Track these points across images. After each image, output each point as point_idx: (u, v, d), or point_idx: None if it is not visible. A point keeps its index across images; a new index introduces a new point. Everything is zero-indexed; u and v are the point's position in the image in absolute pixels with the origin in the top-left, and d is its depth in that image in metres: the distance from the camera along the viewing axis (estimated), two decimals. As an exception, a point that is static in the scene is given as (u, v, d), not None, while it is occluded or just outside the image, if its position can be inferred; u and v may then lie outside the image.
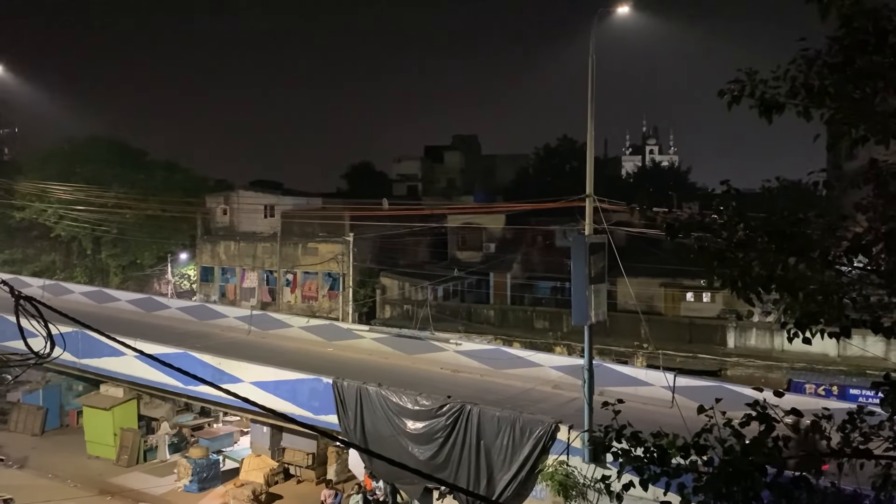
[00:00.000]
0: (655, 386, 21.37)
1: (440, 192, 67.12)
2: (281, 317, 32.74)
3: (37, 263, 48.45)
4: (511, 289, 37.65)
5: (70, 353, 23.51)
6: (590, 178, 17.78)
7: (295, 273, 40.37)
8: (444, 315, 32.98)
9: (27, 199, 44.68)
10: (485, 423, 18.09)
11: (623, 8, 16.94)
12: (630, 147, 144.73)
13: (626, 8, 16.93)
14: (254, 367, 23.23)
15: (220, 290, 42.76)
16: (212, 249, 43.40)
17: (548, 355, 26.09)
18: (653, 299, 32.71)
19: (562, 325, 31.34)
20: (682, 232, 6.27)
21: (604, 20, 17.54)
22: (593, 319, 16.73)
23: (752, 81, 6.17)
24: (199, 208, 45.17)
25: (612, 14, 17.21)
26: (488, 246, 43.16)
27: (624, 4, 16.89)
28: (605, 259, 17.26)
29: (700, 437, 5.55)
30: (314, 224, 41.42)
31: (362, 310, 37.54)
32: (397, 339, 27.86)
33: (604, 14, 17.12)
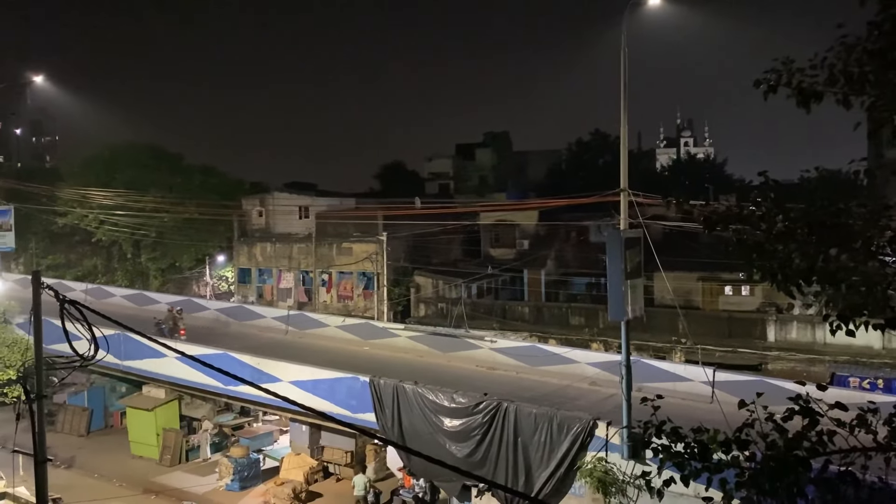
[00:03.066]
0: (694, 381, 21.12)
1: (472, 190, 67.03)
2: (317, 316, 33.04)
3: (79, 268, 49.59)
4: (546, 285, 37.50)
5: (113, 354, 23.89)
6: (624, 172, 17.62)
7: (330, 273, 40.72)
8: (479, 313, 32.98)
9: (69, 206, 45.73)
10: (522, 420, 18.06)
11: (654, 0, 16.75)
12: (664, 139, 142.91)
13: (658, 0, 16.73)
14: (292, 366, 23.48)
15: (257, 290, 43.32)
16: (248, 251, 43.98)
17: (584, 352, 25.94)
18: (691, 293, 32.32)
19: (598, 322, 31.12)
20: (719, 225, 6.18)
21: (635, 12, 17.37)
22: (630, 315, 16.58)
23: (789, 70, 6.06)
24: (236, 211, 45.78)
25: (643, 6, 17.02)
26: (522, 243, 43.03)
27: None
28: (640, 254, 17.09)
29: (742, 431, 5.48)
30: (348, 224, 41.72)
31: (397, 308, 37.73)
32: (432, 337, 27.93)
33: (635, 6, 16.94)
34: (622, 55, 16.79)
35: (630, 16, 17.10)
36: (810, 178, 7.18)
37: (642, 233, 17.19)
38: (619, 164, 17.92)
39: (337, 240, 40.67)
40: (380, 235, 38.09)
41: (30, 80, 37.07)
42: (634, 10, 16.97)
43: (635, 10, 17.09)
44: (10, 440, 14.65)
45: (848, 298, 5.77)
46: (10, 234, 31.99)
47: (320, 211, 44.42)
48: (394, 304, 37.52)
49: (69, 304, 10.51)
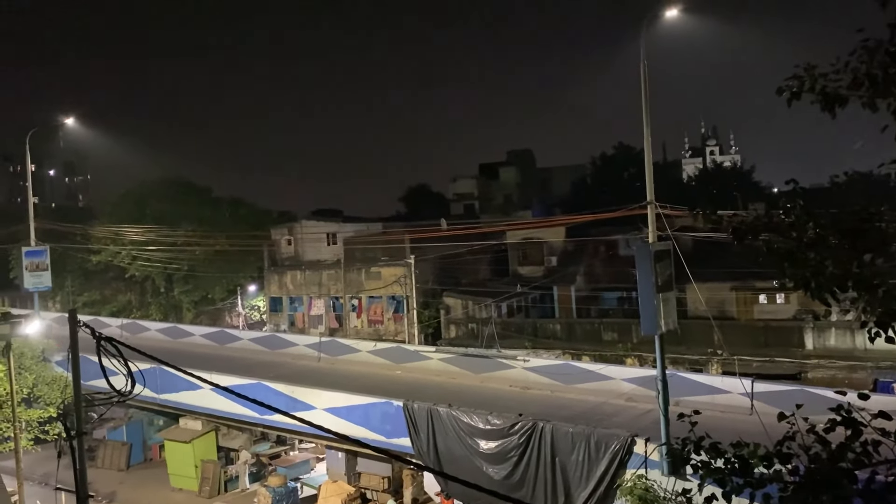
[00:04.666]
0: (733, 393, 20.76)
1: (498, 209, 67.10)
2: (349, 342, 33.14)
3: (114, 304, 50.42)
4: (576, 301, 37.25)
5: (150, 388, 24.27)
6: (650, 184, 17.51)
7: (360, 298, 40.88)
8: (510, 332, 32.83)
9: (102, 243, 46.61)
10: (558, 439, 17.87)
11: (671, 12, 16.72)
12: (689, 149, 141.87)
13: (675, 11, 16.70)
14: (326, 393, 23.54)
15: (289, 318, 43.61)
16: (279, 280, 44.36)
17: (619, 367, 25.66)
18: (724, 304, 31.88)
19: (631, 336, 30.80)
20: (749, 235, 6.11)
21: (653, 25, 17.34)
22: (664, 328, 16.40)
23: (812, 76, 6.00)
24: (265, 240, 46.28)
25: (661, 18, 17.00)
26: (550, 259, 42.86)
27: (672, 8, 16.67)
28: (671, 266, 16.92)
29: (783, 444, 5.37)
30: (376, 249, 41.93)
31: (427, 331, 37.72)
32: (464, 358, 27.84)
33: (652, 20, 16.93)
34: (642, 68, 16.77)
35: (648, 29, 17.09)
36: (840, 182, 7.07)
37: (671, 245, 17.03)
38: (645, 177, 17.82)
39: (365, 265, 40.87)
40: (407, 259, 38.20)
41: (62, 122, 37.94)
42: (652, 23, 16.97)
43: (653, 23, 17.07)
44: (53, 477, 14.84)
45: (885, 304, 5.64)
46: (47, 274, 32.61)
47: (348, 237, 44.74)
48: (424, 327, 37.51)
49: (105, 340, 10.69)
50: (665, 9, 16.96)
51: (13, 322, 16.75)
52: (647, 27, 16.89)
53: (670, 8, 16.94)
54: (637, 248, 17.15)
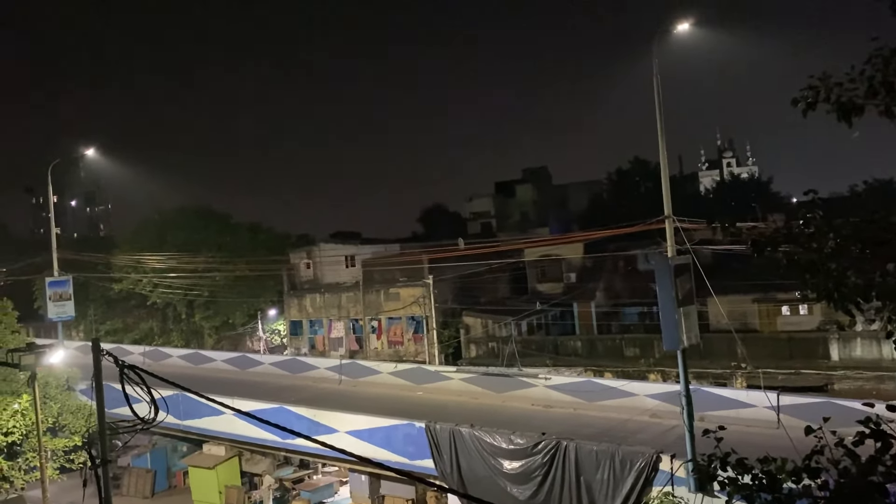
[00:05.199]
0: (758, 407, 20.50)
1: (515, 227, 67.06)
2: (370, 364, 33.14)
3: (136, 331, 50.78)
4: (597, 317, 37.02)
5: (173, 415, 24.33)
6: (667, 198, 17.46)
7: (379, 319, 40.90)
8: (531, 350, 32.67)
9: (124, 271, 47.07)
10: (583, 458, 17.71)
11: (683, 26, 16.74)
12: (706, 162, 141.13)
13: (686, 26, 16.72)
14: (348, 416, 23.52)
15: (309, 342, 43.69)
16: (299, 303, 44.51)
17: (642, 383, 25.44)
18: (747, 316, 31.53)
19: (653, 351, 30.53)
20: (768, 247, 6.06)
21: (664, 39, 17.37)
22: (685, 343, 16.25)
23: (827, 86, 5.97)
24: (284, 264, 46.48)
25: (672, 33, 17.03)
26: (569, 276, 42.68)
27: (683, 22, 16.70)
28: (691, 280, 16.81)
29: (811, 459, 5.29)
30: (394, 270, 41.99)
31: (448, 351, 37.61)
32: (485, 377, 27.73)
33: (663, 35, 16.96)
34: (655, 83, 16.78)
35: (660, 43, 17.11)
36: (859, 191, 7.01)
37: (691, 259, 16.93)
38: (662, 191, 17.77)
39: (384, 286, 40.93)
40: (426, 279, 38.21)
41: (82, 154, 38.55)
42: (663, 38, 17.00)
43: (664, 38, 17.10)
44: (79, 506, 14.91)
45: (911, 313, 5.57)
46: (70, 303, 32.98)
47: (366, 259, 44.84)
48: (444, 347, 37.42)
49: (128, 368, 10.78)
50: (676, 23, 16.99)
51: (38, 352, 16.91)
52: (658, 42, 16.93)
53: (681, 22, 16.97)
54: (656, 262, 17.06)
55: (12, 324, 28.10)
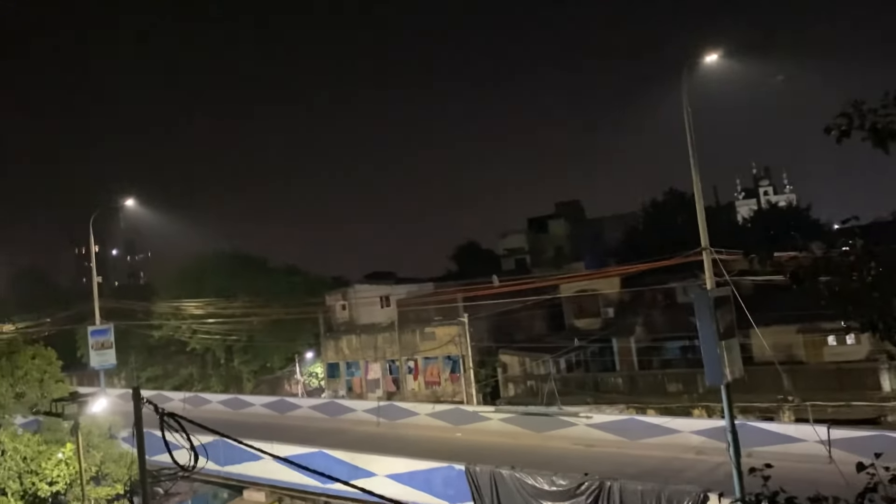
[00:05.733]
0: (808, 441, 19.89)
1: (549, 262, 66.67)
2: (407, 405, 32.97)
3: (176, 377, 51.34)
4: (637, 353, 36.40)
5: (213, 461, 24.46)
6: (703, 230, 17.27)
7: (416, 360, 40.76)
8: (570, 388, 32.21)
9: (163, 318, 47.80)
10: (627, 498, 17.28)
11: (712, 57, 16.73)
12: (742, 191, 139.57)
13: (715, 57, 16.70)
14: (386, 459, 23.34)
15: (346, 384, 43.68)
16: (335, 345, 44.64)
17: (686, 420, 24.90)
18: (792, 347, 30.74)
19: (697, 386, 29.84)
20: (808, 279, 5.92)
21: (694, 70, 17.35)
22: (729, 377, 15.87)
23: (860, 112, 5.88)
24: (320, 307, 46.78)
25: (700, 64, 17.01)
26: (606, 311, 42.19)
27: (712, 53, 16.69)
28: (732, 312, 16.48)
29: (864, 496, 5.09)
30: (429, 309, 41.95)
31: (485, 390, 37.27)
32: (525, 417, 27.38)
33: (692, 66, 16.94)
34: (685, 115, 16.73)
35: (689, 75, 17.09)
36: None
37: (730, 290, 16.63)
38: (698, 222, 17.59)
39: (419, 326, 40.87)
40: (461, 317, 38.09)
41: (122, 204, 39.55)
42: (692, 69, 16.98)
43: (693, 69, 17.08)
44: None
45: (962, 342, 5.37)
46: (112, 351, 33.50)
47: (401, 299, 44.91)
48: (482, 386, 37.09)
49: (168, 416, 10.87)
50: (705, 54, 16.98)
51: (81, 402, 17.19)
52: (687, 74, 16.91)
53: (710, 53, 16.96)
54: (695, 295, 16.78)
55: (56, 373, 28.60)
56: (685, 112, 16.87)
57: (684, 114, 16.89)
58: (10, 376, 25.81)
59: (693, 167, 17.24)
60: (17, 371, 25.95)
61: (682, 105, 17.02)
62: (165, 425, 10.74)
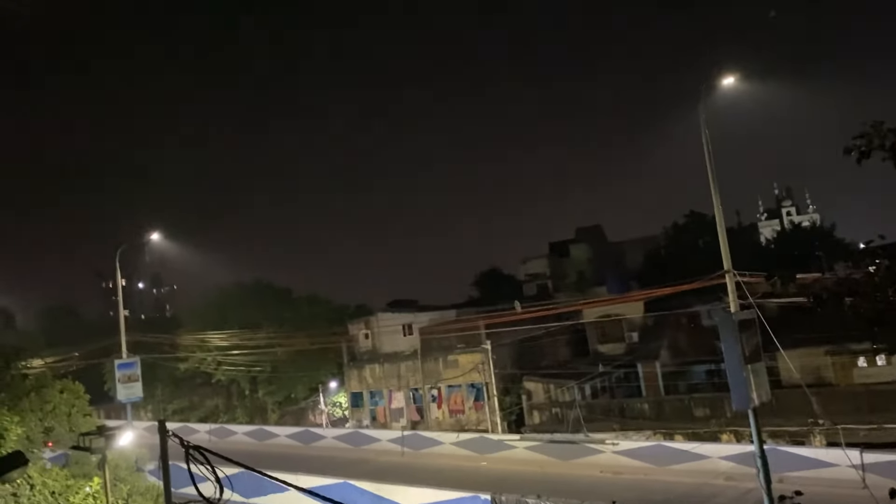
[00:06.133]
0: (840, 466, 19.48)
1: (571, 287, 66.37)
2: (431, 434, 32.79)
3: (202, 409, 51.54)
4: (663, 377, 35.99)
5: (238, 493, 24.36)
6: (725, 252, 17.16)
7: (439, 388, 40.61)
8: (596, 414, 31.87)
9: (189, 351, 48.13)
10: (656, 526, 17.00)
11: (728, 79, 16.74)
12: (765, 212, 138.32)
13: (731, 79, 16.71)
14: (412, 489, 23.17)
15: (370, 413, 43.57)
16: (359, 374, 44.62)
17: (714, 445, 24.51)
18: (820, 370, 30.24)
19: (724, 411, 29.39)
20: (831, 302, 5.88)
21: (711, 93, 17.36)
22: (756, 401, 15.62)
23: (880, 133, 5.88)
24: (343, 336, 46.86)
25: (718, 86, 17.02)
26: (630, 336, 41.86)
27: (729, 75, 16.70)
28: (757, 335, 16.27)
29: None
30: (451, 337, 41.85)
31: (510, 418, 36.99)
32: (550, 445, 27.11)
33: (708, 89, 16.97)
34: (703, 137, 16.72)
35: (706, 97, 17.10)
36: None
37: (755, 313, 16.44)
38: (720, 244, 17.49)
39: (442, 353, 40.76)
40: (484, 344, 37.95)
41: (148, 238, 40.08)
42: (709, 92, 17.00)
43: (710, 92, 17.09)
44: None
45: None
46: (138, 385, 33.70)
47: (423, 326, 44.87)
48: (506, 414, 36.82)
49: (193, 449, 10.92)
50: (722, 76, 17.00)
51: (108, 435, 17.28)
52: (704, 96, 16.93)
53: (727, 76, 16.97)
54: (719, 318, 16.60)
55: (84, 407, 28.80)
56: (703, 135, 16.87)
57: (703, 136, 16.88)
58: (39, 410, 26.03)
59: (713, 189, 17.19)
60: (45, 405, 26.17)
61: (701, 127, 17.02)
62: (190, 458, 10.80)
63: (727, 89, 17.29)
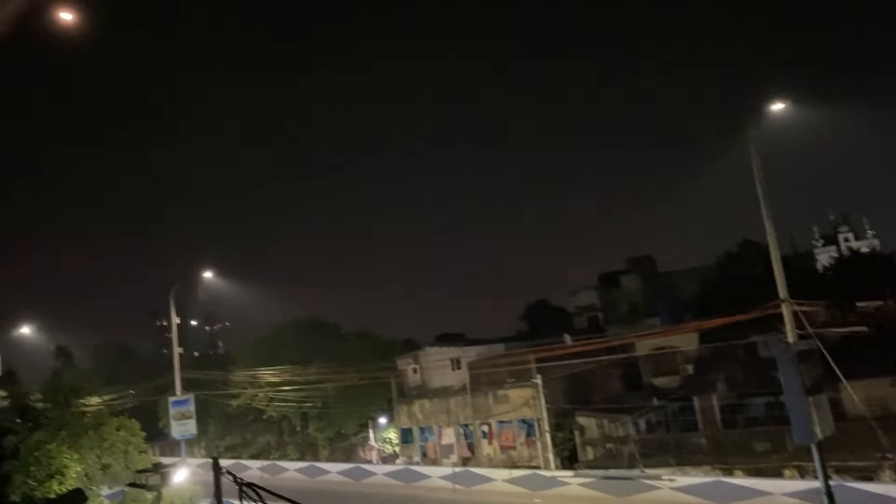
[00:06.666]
0: (915, 503, 18.54)
1: (623, 319, 65.31)
2: (483, 471, 32.38)
3: (254, 446, 51.91)
4: (720, 411, 34.94)
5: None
6: (780, 281, 16.73)
7: (490, 424, 40.14)
8: (651, 449, 31.09)
9: (241, 387, 48.69)
10: (718, 566, 16.38)
11: (778, 105, 16.47)
12: (821, 238, 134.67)
13: (781, 105, 16.43)
14: (464, 527, 22.88)
15: (420, 450, 43.27)
16: (408, 410, 44.45)
17: (777, 481, 23.68)
18: (887, 401, 28.98)
19: (786, 445, 28.35)
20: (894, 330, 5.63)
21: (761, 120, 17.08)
22: (819, 435, 15.06)
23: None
24: (392, 371, 46.86)
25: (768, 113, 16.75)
26: (685, 368, 40.87)
27: (779, 102, 16.43)
28: (818, 365, 15.76)
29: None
30: (501, 371, 41.48)
31: (563, 454, 36.30)
32: (605, 481, 26.53)
33: (758, 116, 16.71)
34: (753, 164, 16.43)
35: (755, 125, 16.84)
36: None
37: (815, 343, 15.94)
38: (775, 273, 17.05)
39: (492, 388, 40.37)
40: (534, 379, 37.49)
41: (201, 276, 40.93)
42: (758, 119, 16.74)
43: (760, 119, 16.82)
44: None
45: None
46: (192, 421, 34.17)
47: (471, 361, 44.59)
48: (559, 450, 36.15)
49: (246, 486, 10.99)
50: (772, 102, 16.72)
51: (163, 472, 17.55)
52: (754, 124, 16.67)
53: (777, 101, 16.69)
54: (777, 350, 16.14)
55: (140, 444, 29.27)
56: (753, 161, 16.57)
57: (753, 163, 16.59)
58: (98, 448, 26.53)
59: (765, 216, 16.83)
60: (103, 442, 26.66)
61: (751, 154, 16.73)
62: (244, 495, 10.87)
63: (779, 114, 16.99)
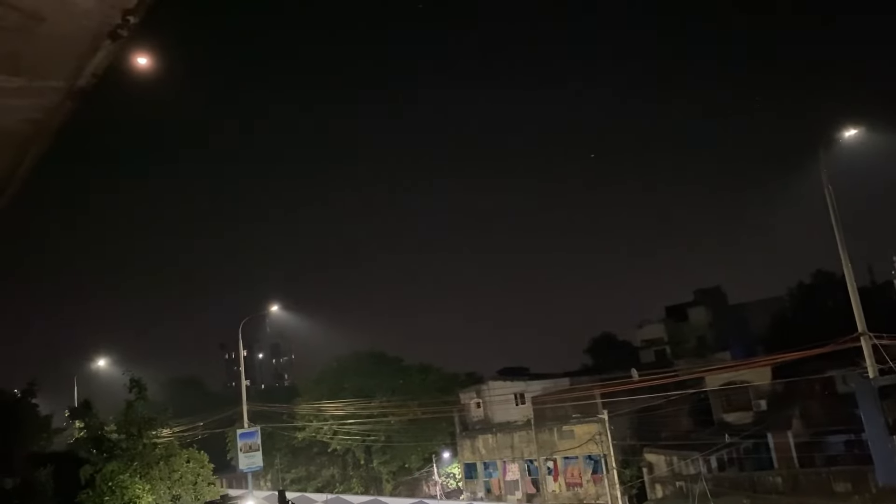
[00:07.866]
0: None
1: (691, 353, 63.55)
2: (549, 508, 31.71)
3: (319, 479, 52.21)
4: (796, 448, 33.50)
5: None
6: (858, 313, 16.05)
7: (555, 459, 39.40)
8: (723, 488, 29.95)
9: (306, 420, 49.19)
10: None
11: (850, 132, 15.96)
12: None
13: (854, 131, 15.92)
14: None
15: (485, 485, 42.72)
16: (472, 444, 44.04)
17: (860, 524, 22.35)
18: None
19: (868, 485, 26.95)
20: None
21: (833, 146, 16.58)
22: (906, 476, 14.25)
23: None
24: (455, 405, 46.61)
25: (839, 141, 16.25)
26: (758, 403, 39.46)
27: (851, 128, 15.93)
28: (902, 402, 14.95)
29: None
30: (566, 406, 40.77)
31: (631, 492, 35.29)
32: (675, 520, 25.59)
33: (829, 144, 16.23)
34: (826, 193, 15.91)
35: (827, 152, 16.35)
36: None
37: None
38: (852, 305, 16.37)
39: (556, 423, 39.69)
40: (600, 414, 36.71)
41: (268, 311, 41.78)
42: (829, 146, 16.25)
43: (831, 146, 16.33)
44: None
45: None
46: (259, 454, 34.60)
47: (536, 395, 43.98)
48: (627, 488, 35.15)
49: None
50: (844, 130, 16.23)
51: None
52: (825, 152, 16.19)
53: (850, 128, 16.19)
54: (857, 385, 15.43)
55: (208, 476, 29.81)
56: (826, 190, 16.05)
57: (825, 192, 16.07)
58: (168, 479, 27.13)
59: (840, 246, 16.24)
60: (173, 474, 27.25)
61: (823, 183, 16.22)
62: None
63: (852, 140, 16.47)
